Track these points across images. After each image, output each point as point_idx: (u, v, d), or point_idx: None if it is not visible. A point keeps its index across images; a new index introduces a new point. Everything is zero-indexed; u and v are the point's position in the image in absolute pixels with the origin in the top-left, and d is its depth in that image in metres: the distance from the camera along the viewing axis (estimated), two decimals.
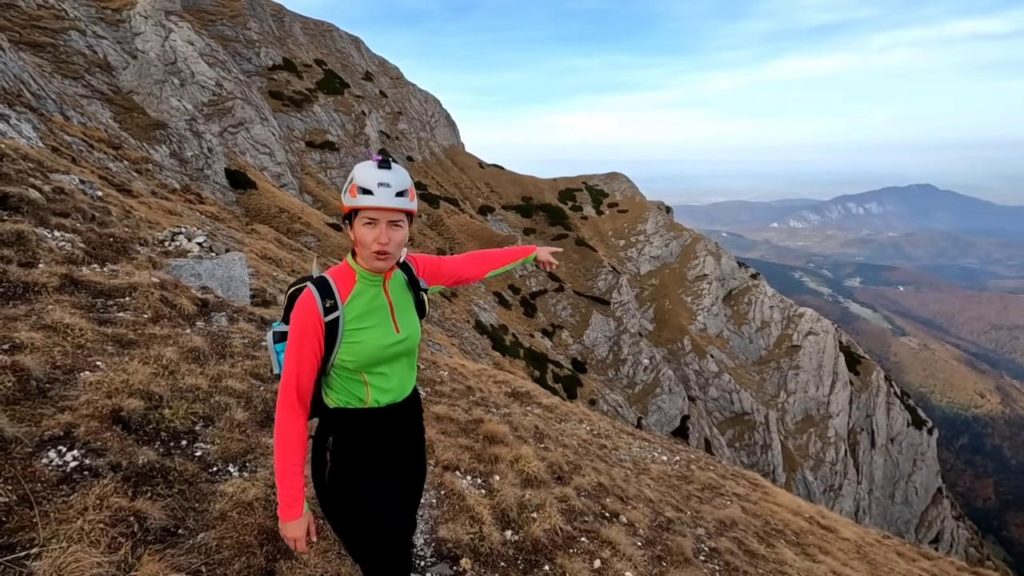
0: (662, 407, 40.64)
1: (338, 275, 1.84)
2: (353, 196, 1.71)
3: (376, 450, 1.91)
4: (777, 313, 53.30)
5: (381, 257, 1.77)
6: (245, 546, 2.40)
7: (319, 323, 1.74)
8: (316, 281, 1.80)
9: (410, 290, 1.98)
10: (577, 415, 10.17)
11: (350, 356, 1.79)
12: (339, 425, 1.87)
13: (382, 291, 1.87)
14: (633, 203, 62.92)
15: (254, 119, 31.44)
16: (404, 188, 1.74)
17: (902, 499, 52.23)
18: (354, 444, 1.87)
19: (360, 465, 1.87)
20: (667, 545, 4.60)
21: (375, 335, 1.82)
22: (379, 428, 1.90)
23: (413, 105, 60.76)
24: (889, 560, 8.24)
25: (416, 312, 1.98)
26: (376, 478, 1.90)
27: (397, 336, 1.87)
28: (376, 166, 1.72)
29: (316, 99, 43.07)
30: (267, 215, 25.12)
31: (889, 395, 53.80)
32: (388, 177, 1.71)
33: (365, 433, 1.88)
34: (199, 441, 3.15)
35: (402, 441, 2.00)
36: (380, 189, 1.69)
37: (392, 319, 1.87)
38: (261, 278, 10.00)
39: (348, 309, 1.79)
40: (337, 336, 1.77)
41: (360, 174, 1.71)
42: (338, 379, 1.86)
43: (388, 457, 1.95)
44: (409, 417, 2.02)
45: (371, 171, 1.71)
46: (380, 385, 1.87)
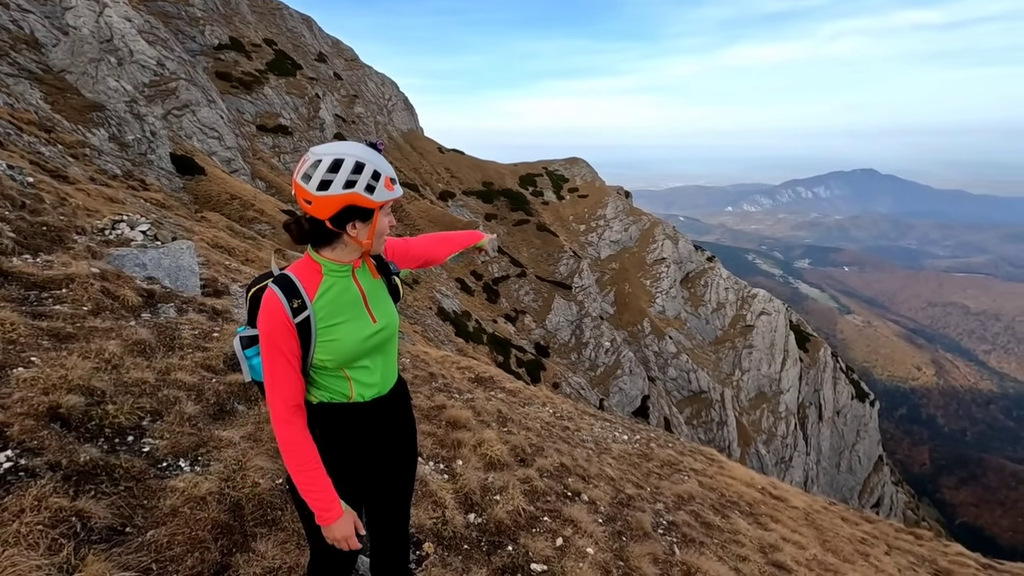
0: (623, 388, 41.54)
1: (302, 271, 1.71)
2: (392, 189, 1.64)
3: (363, 444, 1.85)
4: (732, 295, 55.03)
5: (390, 236, 1.82)
6: (198, 541, 2.33)
7: (289, 326, 1.63)
8: (278, 280, 1.67)
9: (381, 275, 1.89)
10: (540, 399, 10.27)
11: (328, 355, 1.70)
12: (324, 420, 1.79)
13: (352, 282, 1.77)
14: (593, 188, 63.45)
15: (200, 101, 29.99)
16: None
17: (847, 468, 55.28)
18: (340, 438, 1.80)
19: (345, 463, 1.82)
20: (627, 521, 4.73)
21: (351, 329, 1.73)
22: (365, 423, 1.83)
23: (369, 88, 59.23)
24: (834, 525, 8.72)
25: (391, 297, 1.90)
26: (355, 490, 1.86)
27: (375, 326, 1.79)
28: (380, 154, 1.66)
29: (267, 81, 41.41)
30: (218, 202, 24.12)
31: (835, 371, 56.56)
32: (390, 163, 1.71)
33: (351, 428, 1.81)
34: (147, 436, 3.03)
35: (390, 434, 1.93)
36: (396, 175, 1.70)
37: (367, 309, 1.78)
38: (212, 267, 9.64)
39: (318, 307, 1.68)
40: (311, 337, 1.67)
41: (383, 165, 1.63)
42: (319, 377, 1.77)
43: (376, 451, 1.89)
44: (396, 409, 1.95)
45: (384, 160, 1.65)
46: (363, 380, 1.80)
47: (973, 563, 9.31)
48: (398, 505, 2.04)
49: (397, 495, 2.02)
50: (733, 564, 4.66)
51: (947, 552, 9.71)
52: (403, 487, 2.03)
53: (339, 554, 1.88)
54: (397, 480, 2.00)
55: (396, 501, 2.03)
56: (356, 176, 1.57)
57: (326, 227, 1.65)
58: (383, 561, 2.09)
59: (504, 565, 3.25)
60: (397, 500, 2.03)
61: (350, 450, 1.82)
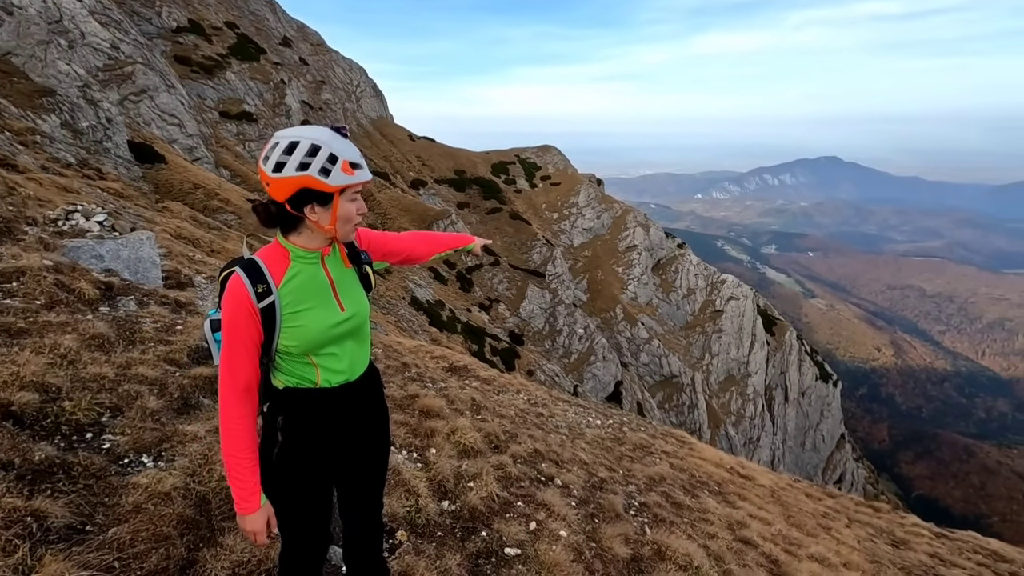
0: (597, 374, 42.06)
1: (269, 256, 1.70)
2: (351, 173, 1.61)
3: (329, 431, 1.82)
4: (702, 281, 56.06)
5: (359, 225, 1.75)
6: (163, 537, 2.28)
7: (252, 310, 1.62)
8: (245, 265, 1.66)
9: (352, 264, 1.88)
10: (515, 386, 10.32)
11: (293, 341, 1.69)
12: (290, 405, 1.78)
13: (320, 268, 1.76)
14: (565, 176, 63.56)
15: (159, 86, 28.85)
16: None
17: (811, 446, 57.29)
18: (306, 425, 1.79)
19: (312, 450, 1.80)
20: (600, 503, 4.81)
21: (317, 317, 1.71)
22: (332, 409, 1.81)
23: (337, 74, 57.88)
24: (799, 501, 9.04)
25: (361, 286, 1.88)
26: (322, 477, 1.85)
27: (342, 315, 1.77)
28: (343, 138, 1.63)
29: (229, 66, 40.06)
30: (180, 191, 23.34)
31: (800, 353, 58.33)
32: (356, 148, 1.66)
33: (317, 414, 1.79)
34: (107, 433, 2.94)
35: (358, 421, 1.91)
36: (363, 162, 1.66)
37: (335, 297, 1.77)
38: (175, 259, 9.36)
39: (283, 292, 1.67)
40: (276, 322, 1.66)
41: (343, 148, 1.60)
42: (284, 363, 1.76)
43: (344, 437, 1.87)
44: (365, 396, 1.92)
45: (349, 144, 1.63)
46: (330, 366, 1.78)
47: (927, 532, 9.79)
48: (369, 492, 2.03)
49: (367, 482, 2.01)
50: (702, 542, 4.79)
51: (903, 523, 10.18)
52: (373, 474, 2.02)
53: (310, 544, 1.88)
54: (367, 467, 1.99)
55: (367, 488, 2.01)
56: (310, 159, 1.56)
57: (287, 210, 1.64)
58: (355, 549, 2.08)
59: (478, 550, 3.27)
60: (368, 487, 2.01)
61: (316, 435, 1.81)
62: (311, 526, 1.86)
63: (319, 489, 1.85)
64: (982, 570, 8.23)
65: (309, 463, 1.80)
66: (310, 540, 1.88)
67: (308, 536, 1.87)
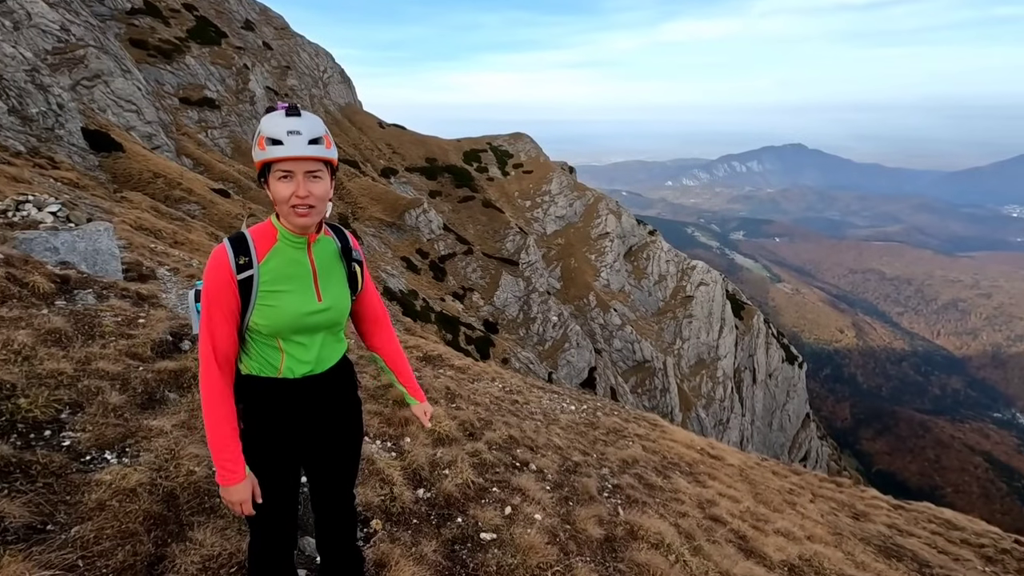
0: (571, 361, 42.48)
1: (258, 233, 1.73)
2: (262, 148, 1.59)
3: (289, 422, 1.80)
4: (673, 267, 56.92)
5: (302, 212, 1.64)
6: (129, 534, 2.23)
7: (231, 280, 1.64)
8: (233, 237, 1.69)
9: (342, 260, 1.86)
10: (490, 374, 10.36)
11: (263, 320, 1.69)
12: (249, 393, 1.77)
13: (305, 254, 1.76)
14: (538, 164, 63.48)
15: (114, 71, 27.62)
16: (318, 135, 1.61)
17: (778, 426, 59.16)
18: (265, 414, 1.77)
19: (272, 436, 1.79)
20: (574, 486, 4.88)
21: (292, 301, 1.71)
22: (292, 400, 1.79)
23: (303, 59, 56.34)
24: (766, 479, 9.35)
25: (347, 284, 1.86)
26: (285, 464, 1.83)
27: (318, 305, 1.76)
28: (284, 114, 1.60)
29: (188, 50, 38.60)
30: (139, 181, 22.48)
31: (767, 336, 59.95)
32: (298, 124, 1.59)
33: (277, 404, 1.78)
34: (67, 430, 2.85)
35: (322, 413, 1.88)
36: (291, 138, 1.57)
37: (314, 286, 1.76)
38: (136, 251, 9.05)
39: (263, 269, 1.68)
40: (251, 297, 1.67)
41: (268, 124, 1.59)
42: (253, 344, 1.75)
43: (307, 428, 1.85)
44: (332, 390, 1.89)
45: (279, 120, 1.59)
46: (297, 355, 1.77)
47: (885, 504, 10.24)
48: (338, 482, 2.02)
49: (336, 473, 1.99)
50: (673, 520, 4.91)
51: (863, 497, 10.63)
52: (342, 465, 2.01)
53: (277, 532, 1.87)
54: (334, 458, 1.97)
55: (335, 479, 2.00)
56: (254, 138, 1.65)
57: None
58: (328, 539, 2.08)
59: (454, 536, 3.30)
60: (336, 478, 2.00)
61: (275, 425, 1.79)
62: (276, 514, 1.84)
63: (282, 478, 1.83)
64: (936, 538, 8.67)
65: (269, 452, 1.79)
66: (277, 528, 1.86)
67: (274, 524, 1.85)
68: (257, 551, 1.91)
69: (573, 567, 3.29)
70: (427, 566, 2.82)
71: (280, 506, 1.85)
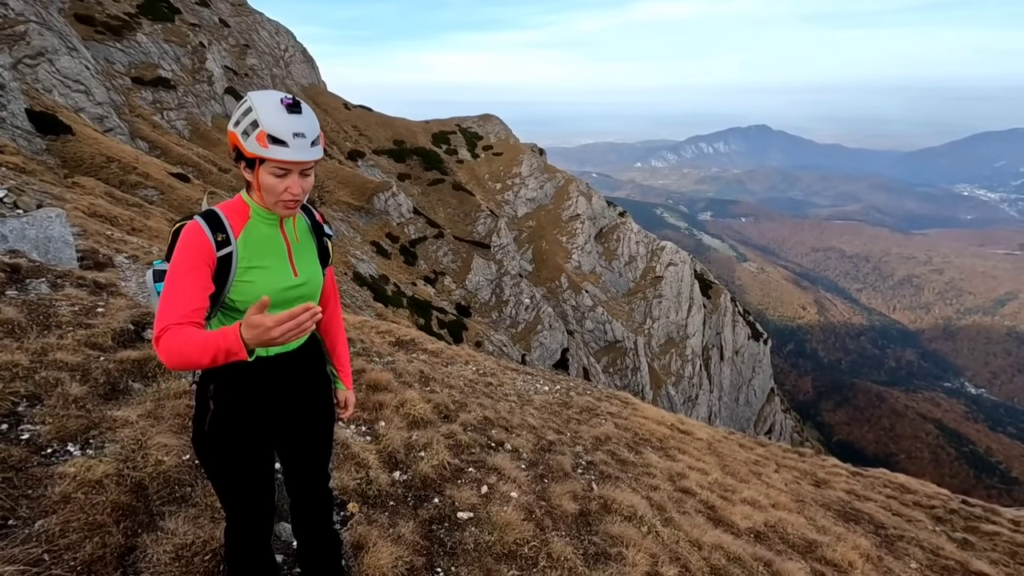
0: (544, 343, 42.83)
1: (229, 209, 1.69)
2: (264, 146, 1.53)
3: (263, 400, 1.79)
4: (643, 248, 57.65)
5: (291, 206, 1.66)
6: (97, 526, 2.18)
7: (210, 255, 1.57)
8: (204, 214, 1.63)
9: (312, 234, 1.88)
10: (463, 357, 10.36)
11: (240, 296, 1.66)
12: (222, 373, 1.72)
13: (278, 231, 1.75)
14: (508, 146, 63.05)
15: (59, 49, 26.14)
16: (317, 135, 1.61)
17: (744, 401, 61.09)
18: (238, 393, 1.75)
19: (244, 417, 1.76)
20: (549, 464, 4.96)
21: (270, 276, 1.70)
22: (266, 378, 1.78)
23: (262, 37, 54.32)
24: (733, 452, 9.66)
25: (319, 259, 1.87)
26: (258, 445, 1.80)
27: (295, 280, 1.76)
28: (287, 110, 1.54)
29: (139, 26, 36.76)
30: (92, 165, 21.48)
31: (734, 314, 61.51)
32: (302, 125, 1.55)
33: (250, 382, 1.76)
34: (25, 423, 2.75)
35: (295, 391, 1.88)
36: (296, 141, 1.54)
37: (290, 261, 1.76)
38: (91, 238, 8.70)
39: (241, 245, 1.65)
40: (230, 273, 1.63)
41: (269, 119, 1.52)
42: (226, 322, 1.71)
43: (279, 408, 1.84)
44: (303, 366, 1.90)
45: (283, 117, 1.53)
46: None
47: (844, 472, 10.73)
48: (313, 463, 2.01)
49: (310, 453, 1.99)
50: (645, 493, 5.05)
51: (824, 465, 11.11)
52: (316, 445, 2.00)
53: (253, 516, 1.85)
54: (309, 437, 1.97)
55: (310, 459, 2.00)
56: (242, 117, 1.57)
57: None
58: (304, 521, 2.07)
59: (431, 516, 3.32)
60: (311, 458, 2.00)
61: (249, 404, 1.77)
62: (252, 496, 1.83)
63: (257, 459, 1.81)
64: (891, 502, 9.14)
65: (243, 432, 1.76)
66: (252, 511, 1.85)
67: (250, 507, 1.84)
68: (233, 537, 1.89)
69: (549, 541, 3.36)
70: (405, 546, 2.84)
71: (255, 490, 1.83)
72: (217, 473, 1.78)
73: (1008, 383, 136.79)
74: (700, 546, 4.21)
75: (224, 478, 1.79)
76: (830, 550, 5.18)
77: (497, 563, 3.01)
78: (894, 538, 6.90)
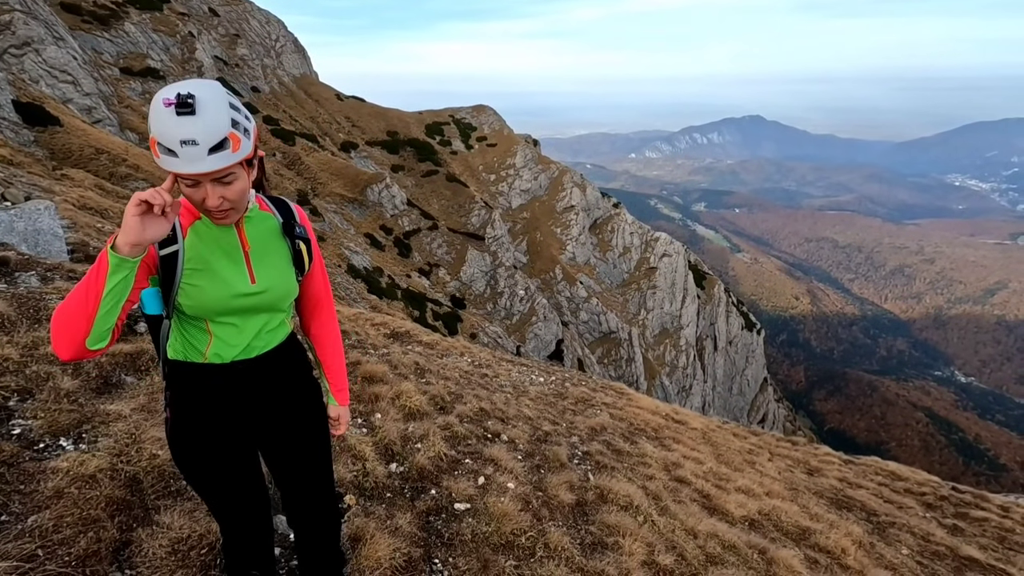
0: (538, 334, 42.90)
1: (184, 206, 1.52)
2: (156, 156, 1.31)
3: (220, 410, 1.67)
4: (637, 239, 57.68)
5: (219, 217, 1.48)
6: (92, 520, 2.16)
7: (151, 253, 1.45)
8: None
9: (284, 237, 1.68)
10: (458, 349, 10.36)
11: (187, 301, 1.54)
12: (176, 379, 1.65)
13: (232, 232, 1.58)
14: (502, 137, 62.75)
15: (45, 38, 25.72)
16: (219, 138, 1.32)
17: (738, 391, 61.53)
18: (191, 401, 1.65)
19: (203, 424, 1.66)
20: (545, 455, 4.98)
21: (218, 282, 1.55)
22: (220, 385, 1.65)
23: (253, 27, 53.62)
24: (727, 441, 9.74)
25: (291, 264, 1.69)
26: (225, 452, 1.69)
27: (250, 287, 1.59)
28: (175, 112, 1.27)
29: (127, 15, 36.21)
30: (81, 157, 21.21)
31: (728, 305, 61.78)
32: (193, 130, 1.28)
33: (202, 390, 1.64)
34: (16, 418, 2.72)
35: (262, 400, 1.73)
36: (185, 149, 1.29)
37: (246, 266, 1.59)
38: (81, 230, 8.60)
39: (188, 244, 1.51)
40: (176, 275, 1.49)
41: (157, 123, 1.29)
42: (180, 324, 1.60)
43: (244, 417, 1.71)
44: (271, 374, 1.73)
45: (169, 122, 1.28)
46: (226, 339, 1.61)
47: (837, 460, 10.84)
48: (302, 480, 1.89)
49: (294, 456, 1.86)
50: (641, 483, 5.08)
51: (817, 454, 11.22)
52: (299, 448, 1.86)
53: (235, 519, 1.78)
54: (288, 441, 1.84)
55: (297, 475, 1.88)
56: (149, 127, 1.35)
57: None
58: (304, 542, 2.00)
59: (428, 508, 3.33)
60: (298, 474, 1.88)
61: (203, 412, 1.67)
62: (226, 501, 1.75)
63: (226, 463, 1.71)
64: (882, 489, 9.25)
65: (204, 440, 1.67)
66: (231, 514, 1.77)
67: (227, 511, 1.76)
68: (227, 543, 1.85)
69: (546, 532, 3.37)
70: (403, 538, 2.84)
71: (231, 489, 1.74)
72: (188, 477, 1.73)
73: (997, 371, 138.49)
74: (695, 534, 4.24)
75: (194, 482, 1.73)
76: (823, 537, 5.23)
77: (495, 554, 3.02)
78: (886, 525, 6.98)
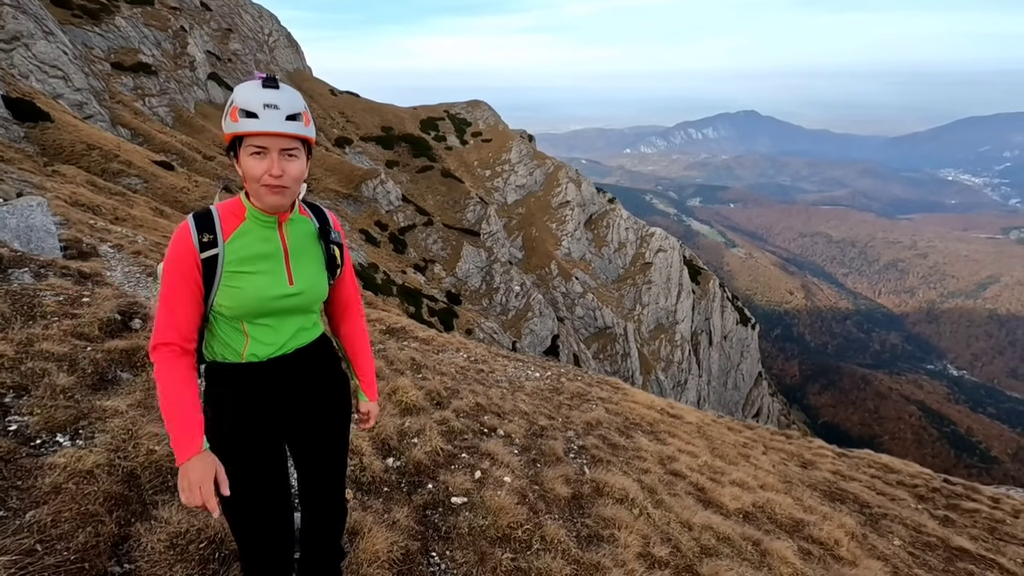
0: (534, 330, 42.96)
1: (226, 209, 1.62)
2: (235, 120, 1.49)
3: (259, 408, 1.69)
4: (632, 234, 57.77)
5: (275, 191, 1.55)
6: (90, 515, 2.17)
7: (193, 258, 1.54)
8: (198, 213, 1.59)
9: (319, 241, 1.75)
10: (454, 345, 10.38)
11: (227, 301, 1.59)
12: (212, 380, 1.68)
13: (276, 233, 1.65)
14: (497, 132, 62.61)
15: (35, 33, 25.45)
16: (296, 111, 1.53)
17: (733, 385, 61.86)
18: (228, 402, 1.67)
19: (240, 428, 1.66)
20: (541, 449, 5.00)
21: (260, 283, 1.61)
22: (259, 384, 1.69)
23: (245, 21, 53.23)
24: (722, 435, 9.80)
25: (325, 268, 1.76)
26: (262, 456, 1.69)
27: (289, 288, 1.66)
28: (260, 85, 1.50)
29: (118, 10, 35.86)
30: (72, 153, 21.04)
31: (723, 300, 62.02)
32: (275, 97, 1.49)
33: (243, 391, 1.67)
34: (12, 414, 2.72)
35: (296, 395, 1.76)
36: (267, 112, 1.48)
37: (286, 268, 1.66)
38: (74, 227, 8.56)
39: (230, 248, 1.58)
40: (215, 277, 1.56)
41: (242, 94, 1.49)
42: (216, 326, 1.65)
43: (279, 413, 1.73)
44: (304, 369, 1.77)
45: (255, 91, 1.49)
46: (262, 338, 1.67)
47: (830, 453, 10.93)
48: (325, 472, 1.90)
49: (322, 460, 1.87)
50: (636, 476, 5.12)
51: (811, 447, 11.31)
52: (327, 451, 1.88)
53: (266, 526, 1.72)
54: (319, 442, 1.86)
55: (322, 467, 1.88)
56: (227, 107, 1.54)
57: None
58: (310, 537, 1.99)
59: (425, 502, 3.34)
60: (323, 466, 1.88)
61: (246, 412, 1.68)
62: (257, 504, 1.70)
63: (259, 465, 1.70)
64: (875, 481, 9.34)
65: (243, 443, 1.67)
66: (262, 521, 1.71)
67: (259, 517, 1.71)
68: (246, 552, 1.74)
69: (542, 525, 3.40)
70: (400, 532, 2.86)
71: (260, 494, 1.70)
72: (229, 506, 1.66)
73: (988, 365, 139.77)
74: (690, 527, 4.28)
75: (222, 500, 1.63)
76: (817, 529, 5.29)
77: (491, 547, 3.04)
78: (878, 516, 7.06)
